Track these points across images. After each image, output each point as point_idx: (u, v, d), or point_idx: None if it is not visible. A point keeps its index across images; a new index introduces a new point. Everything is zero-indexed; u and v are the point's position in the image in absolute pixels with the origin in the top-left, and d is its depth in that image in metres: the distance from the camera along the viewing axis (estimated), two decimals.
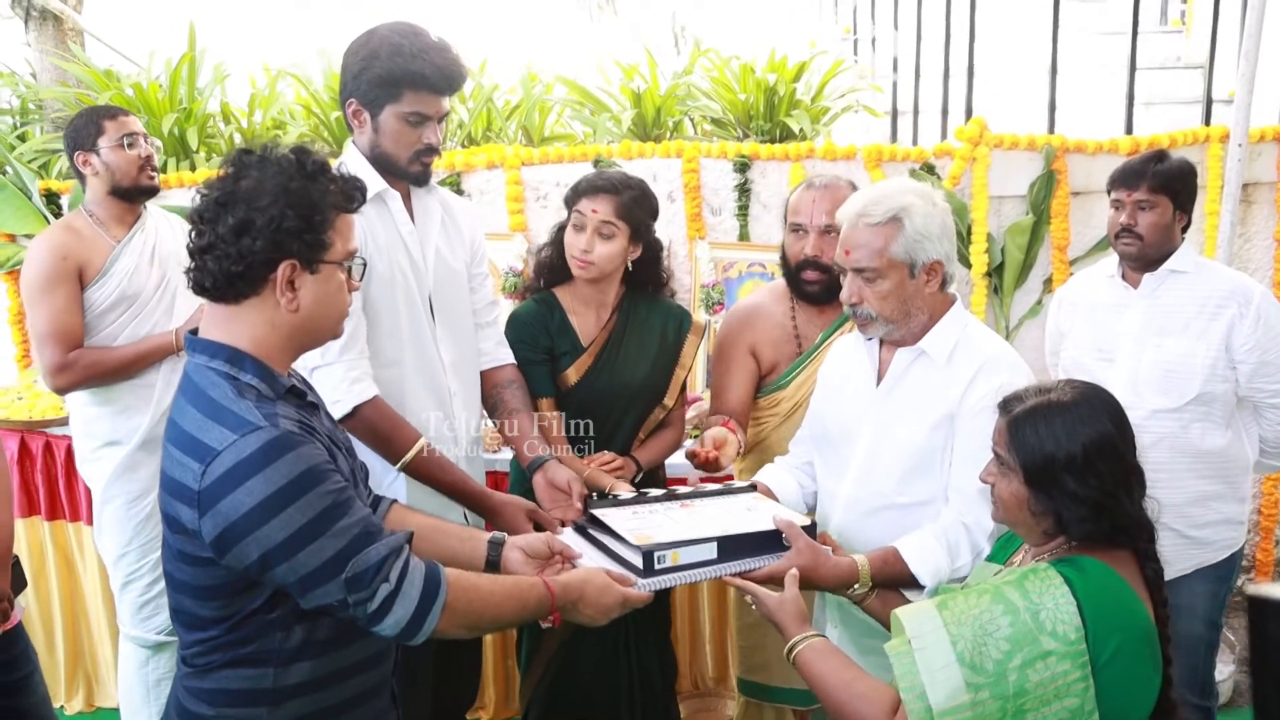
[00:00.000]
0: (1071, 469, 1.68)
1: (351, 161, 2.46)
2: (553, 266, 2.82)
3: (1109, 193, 2.93)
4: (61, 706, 3.95)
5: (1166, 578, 2.81)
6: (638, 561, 1.96)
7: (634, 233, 2.70)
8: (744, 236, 4.22)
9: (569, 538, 2.18)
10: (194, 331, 1.74)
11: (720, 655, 3.80)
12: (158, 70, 4.72)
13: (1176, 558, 2.86)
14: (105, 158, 3.14)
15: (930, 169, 4.15)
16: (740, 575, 2.01)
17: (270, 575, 1.60)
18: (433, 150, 2.47)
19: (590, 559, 2.08)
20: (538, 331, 2.76)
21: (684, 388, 2.92)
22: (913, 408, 2.18)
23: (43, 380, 3.17)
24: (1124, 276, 2.95)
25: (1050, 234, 4.15)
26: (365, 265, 1.83)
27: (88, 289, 3.12)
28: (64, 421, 3.73)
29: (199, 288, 1.70)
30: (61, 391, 3.15)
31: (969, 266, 4.13)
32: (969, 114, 4.42)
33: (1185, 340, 2.81)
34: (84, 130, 3.15)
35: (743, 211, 4.22)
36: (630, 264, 2.78)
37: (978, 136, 4.08)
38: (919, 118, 5.10)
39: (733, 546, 2.03)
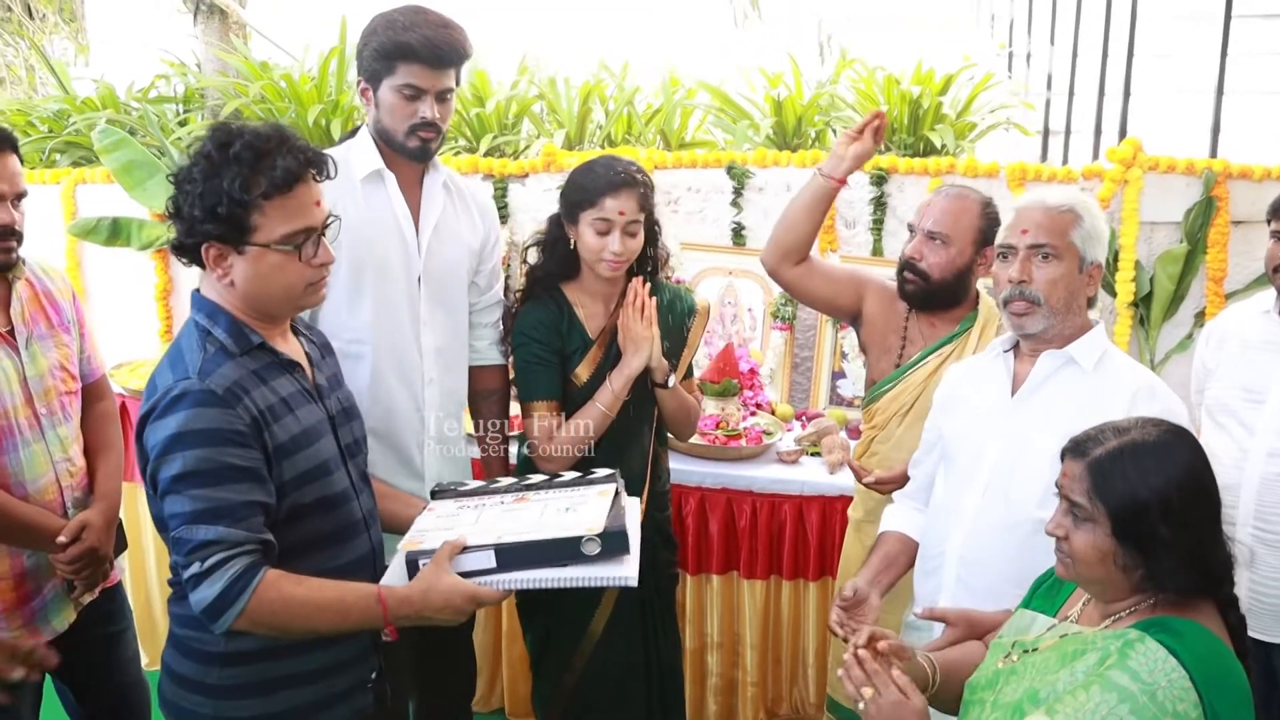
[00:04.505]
0: (1168, 515, 1.51)
1: (360, 140, 2.55)
2: (560, 265, 2.67)
3: (1268, 222, 2.73)
4: None
5: None
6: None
7: (647, 218, 2.62)
8: (877, 251, 4.11)
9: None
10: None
11: (822, 680, 3.69)
12: (311, 63, 4.89)
13: None
14: None
15: None
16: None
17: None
18: (429, 125, 2.47)
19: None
20: (552, 333, 2.64)
21: (690, 372, 2.86)
22: (1059, 414, 2.05)
23: None
24: None
25: (1206, 265, 3.92)
26: (323, 235, 1.85)
27: None
28: None
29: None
30: None
31: (1114, 295, 3.93)
32: (1123, 134, 4.21)
33: None
34: None
35: (877, 226, 4.12)
36: None
37: (1130, 158, 3.88)
38: (1071, 138, 4.90)
39: (516, 556, 1.84)
